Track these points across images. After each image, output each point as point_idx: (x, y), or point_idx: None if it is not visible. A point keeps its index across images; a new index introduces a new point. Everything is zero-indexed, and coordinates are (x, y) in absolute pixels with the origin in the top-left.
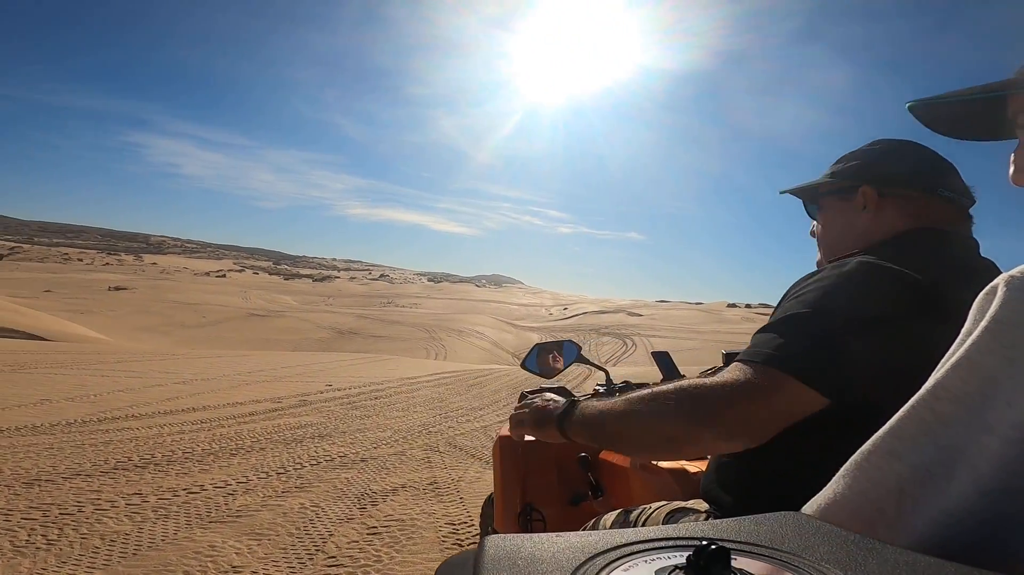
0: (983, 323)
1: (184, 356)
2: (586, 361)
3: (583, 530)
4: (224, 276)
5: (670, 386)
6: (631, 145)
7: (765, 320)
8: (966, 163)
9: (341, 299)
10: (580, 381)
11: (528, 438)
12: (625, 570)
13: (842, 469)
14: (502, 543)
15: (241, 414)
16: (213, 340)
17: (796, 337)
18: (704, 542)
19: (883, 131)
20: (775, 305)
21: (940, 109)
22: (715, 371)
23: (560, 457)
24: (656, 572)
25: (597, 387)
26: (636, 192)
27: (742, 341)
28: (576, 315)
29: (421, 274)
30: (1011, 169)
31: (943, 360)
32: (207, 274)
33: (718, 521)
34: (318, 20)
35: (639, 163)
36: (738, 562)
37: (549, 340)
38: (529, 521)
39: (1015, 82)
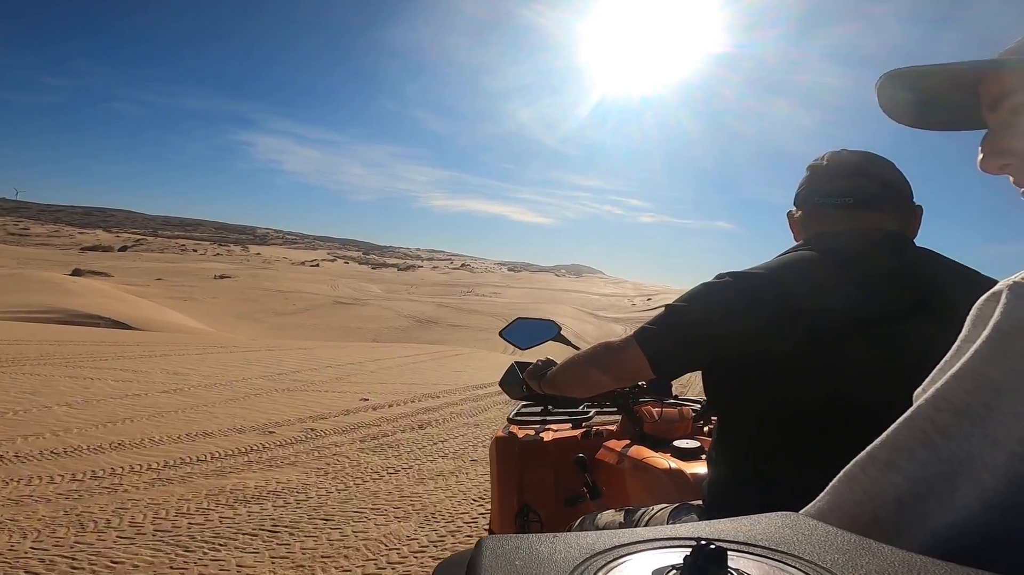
0: (986, 332)
1: (239, 349)
2: (564, 340)
3: (572, 527)
4: (317, 266)
5: (589, 347)
6: (714, 131)
7: None
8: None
9: (423, 288)
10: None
11: (526, 439)
12: (622, 570)
13: (837, 478)
14: (499, 543)
15: (178, 461)
16: (297, 327)
17: (654, 320)
18: (701, 542)
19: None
20: None
21: (902, 92)
22: None
23: (557, 458)
24: (653, 572)
25: None
26: (722, 179)
27: None
28: (660, 306)
29: (501, 263)
30: (979, 156)
31: (939, 368)
32: (302, 263)
33: (715, 521)
34: (395, 15)
35: (724, 149)
36: (735, 562)
37: (532, 318)
38: (526, 522)
39: (999, 63)
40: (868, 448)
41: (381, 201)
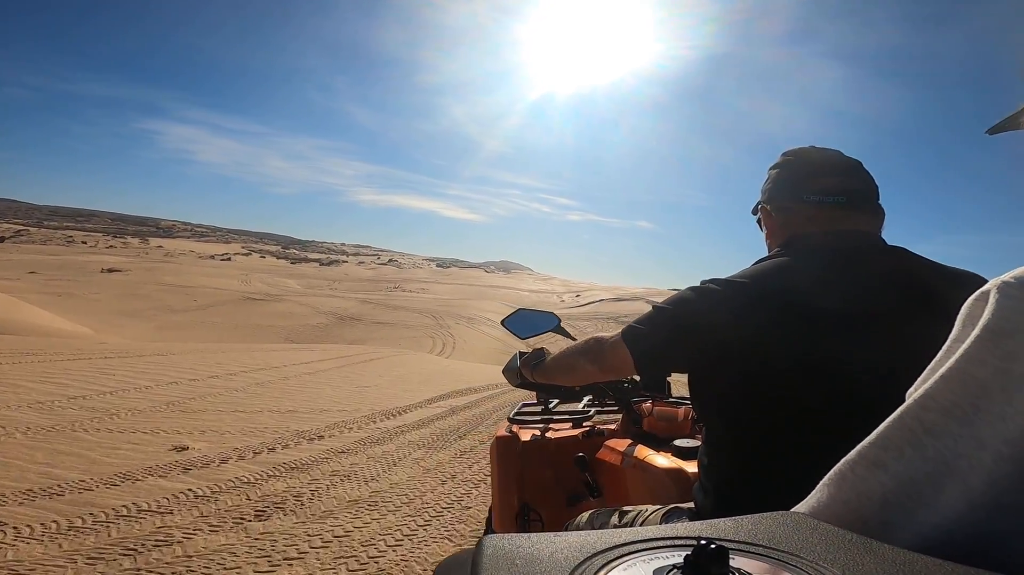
0: (975, 332)
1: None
2: (564, 332)
3: (570, 526)
4: (229, 259)
5: (583, 339)
6: (640, 133)
7: None
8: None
9: (347, 283)
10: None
11: (527, 438)
12: (623, 570)
13: (826, 477)
14: (500, 543)
15: None
16: (195, 326)
17: (642, 319)
18: (702, 541)
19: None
20: None
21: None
22: None
23: (557, 457)
24: (654, 572)
25: None
26: (645, 180)
27: None
28: (591, 303)
29: (430, 260)
30: None
31: (930, 368)
32: (212, 257)
33: (716, 520)
34: (328, 7)
35: (648, 151)
36: (736, 561)
37: (534, 309)
38: (527, 522)
39: None
40: (857, 447)
41: (305, 195)
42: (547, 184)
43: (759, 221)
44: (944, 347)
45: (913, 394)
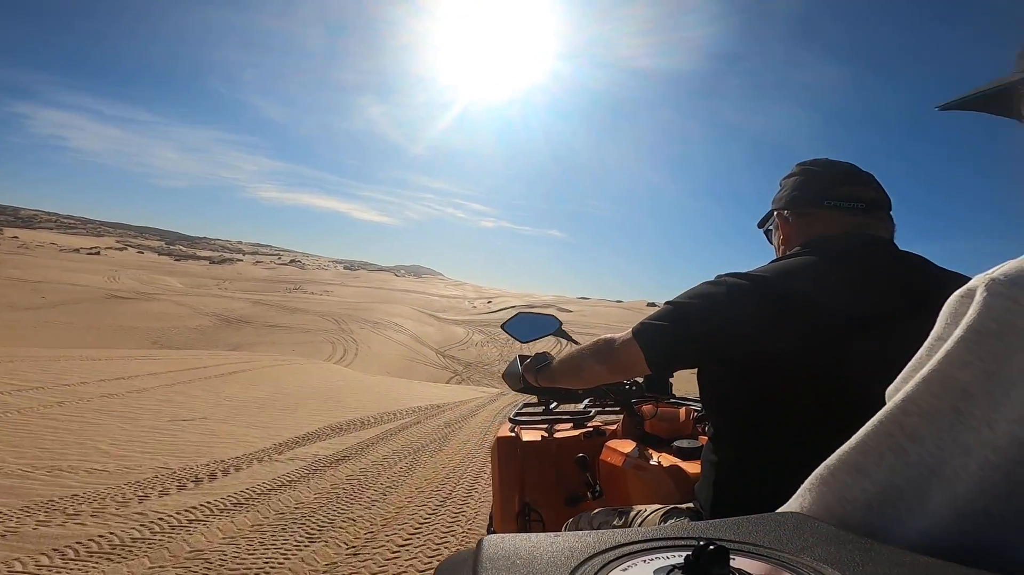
0: (958, 332)
1: None
2: (565, 335)
3: (569, 525)
4: (98, 254)
5: (592, 341)
6: (556, 143)
7: None
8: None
9: (239, 283)
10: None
11: (528, 439)
12: (623, 570)
13: (807, 481)
14: (500, 543)
15: None
16: (40, 326)
17: (654, 315)
18: (702, 542)
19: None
20: None
21: (965, 105)
22: None
23: (558, 457)
24: (655, 572)
25: None
26: (559, 190)
27: None
28: (502, 309)
29: (337, 261)
30: None
31: (911, 366)
32: (76, 251)
33: (716, 521)
34: None
35: (562, 162)
36: (736, 562)
37: (534, 312)
38: (527, 522)
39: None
40: (838, 452)
41: (198, 189)
42: (462, 189)
43: (767, 232)
44: (926, 345)
45: (894, 396)
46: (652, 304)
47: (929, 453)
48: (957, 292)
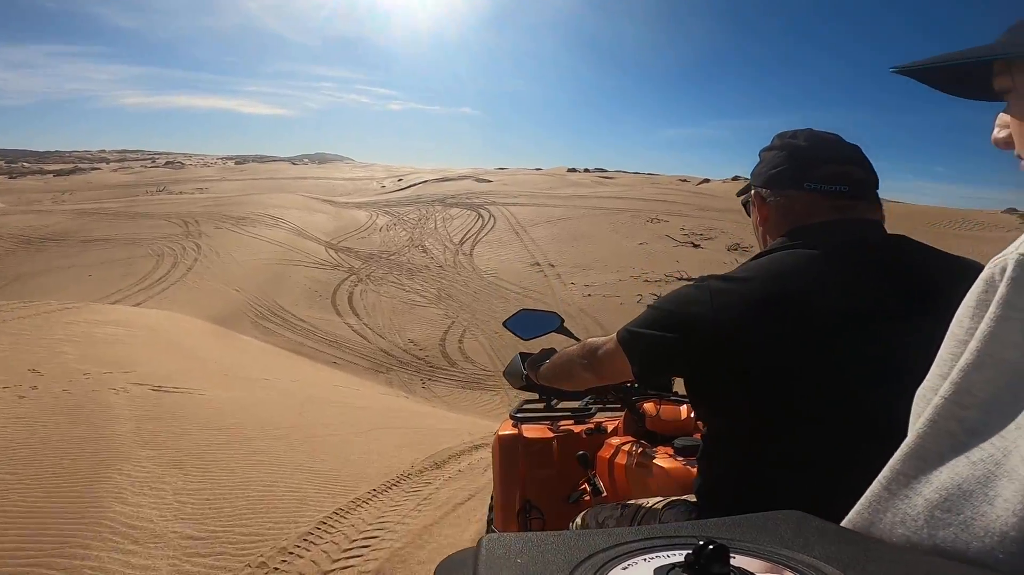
0: (997, 312)
1: None
2: (567, 333)
3: (574, 523)
4: None
5: (579, 344)
6: (458, 18)
7: (611, 183)
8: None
9: (83, 193)
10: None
11: (529, 436)
12: (624, 568)
13: (863, 499)
14: (500, 542)
15: None
16: None
17: (637, 321)
18: (702, 541)
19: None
20: (610, 173)
21: (930, 73)
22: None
23: (559, 455)
24: (655, 570)
25: None
26: (465, 66)
27: (606, 206)
28: (414, 184)
29: (226, 158)
30: (994, 131)
31: (942, 361)
32: None
33: (717, 519)
34: None
35: (468, 37)
36: (737, 560)
37: (536, 309)
38: (528, 520)
39: (997, 48)
40: (891, 463)
41: (43, 104)
42: (364, 75)
43: (745, 203)
44: (953, 341)
45: (938, 393)
46: (573, 169)
47: (993, 445)
48: (981, 277)
